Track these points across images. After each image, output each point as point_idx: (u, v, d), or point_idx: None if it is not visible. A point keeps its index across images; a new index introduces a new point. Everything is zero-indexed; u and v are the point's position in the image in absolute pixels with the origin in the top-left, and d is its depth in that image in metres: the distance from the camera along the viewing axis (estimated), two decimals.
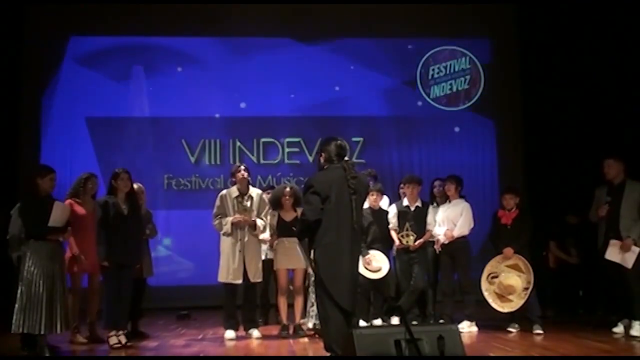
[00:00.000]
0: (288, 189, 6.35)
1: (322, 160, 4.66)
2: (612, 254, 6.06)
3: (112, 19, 9.32)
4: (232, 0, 9.38)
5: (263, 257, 6.58)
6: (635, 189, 6.11)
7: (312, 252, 4.58)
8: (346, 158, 4.64)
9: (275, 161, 9.61)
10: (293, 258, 6.22)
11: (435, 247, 6.62)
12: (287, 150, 9.65)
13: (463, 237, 6.50)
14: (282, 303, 6.32)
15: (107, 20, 9.31)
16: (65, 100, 9.34)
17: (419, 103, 9.83)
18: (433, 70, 9.90)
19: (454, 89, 9.92)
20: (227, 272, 6.16)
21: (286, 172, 9.54)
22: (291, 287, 6.37)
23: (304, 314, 6.32)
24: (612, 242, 6.07)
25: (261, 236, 6.28)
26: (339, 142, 4.68)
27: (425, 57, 9.89)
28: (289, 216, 6.30)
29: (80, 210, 6.03)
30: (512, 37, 9.87)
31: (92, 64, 9.40)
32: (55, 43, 9.29)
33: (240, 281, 6.16)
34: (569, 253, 7.81)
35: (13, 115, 8.94)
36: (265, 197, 6.53)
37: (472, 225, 6.55)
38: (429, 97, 9.85)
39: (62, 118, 9.31)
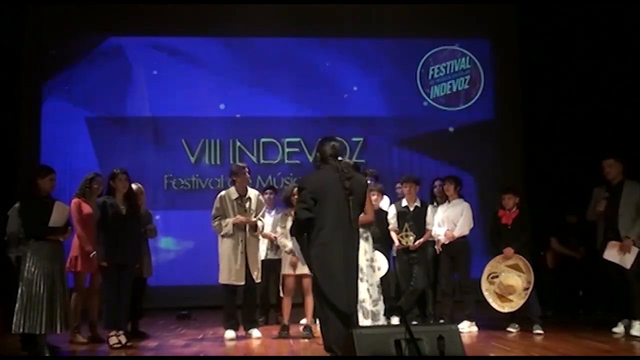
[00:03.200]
0: (296, 188, 6.25)
1: (317, 159, 4.66)
2: (611, 254, 6.07)
3: (112, 19, 9.32)
4: (233, 0, 9.39)
5: (263, 257, 6.59)
6: (634, 189, 6.12)
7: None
8: (340, 158, 4.59)
9: (275, 161, 9.62)
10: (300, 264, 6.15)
11: (435, 247, 6.62)
12: (287, 150, 9.65)
13: (463, 237, 6.50)
14: (287, 304, 6.24)
15: (107, 20, 9.31)
16: (65, 100, 9.35)
17: (425, 103, 9.83)
18: (433, 70, 9.90)
19: (454, 89, 9.92)
20: (229, 273, 6.13)
21: (286, 172, 9.54)
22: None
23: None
24: (611, 242, 6.08)
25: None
26: (332, 142, 4.66)
27: (425, 57, 9.89)
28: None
29: (87, 209, 6.05)
30: (512, 37, 9.87)
31: (92, 63, 9.40)
32: (56, 43, 9.28)
33: (243, 282, 6.14)
34: (572, 248, 7.81)
35: (13, 115, 8.94)
36: (262, 198, 6.54)
37: (472, 225, 6.55)
38: (429, 97, 9.86)
39: (62, 118, 9.32)
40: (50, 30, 9.29)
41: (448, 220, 6.54)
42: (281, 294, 6.38)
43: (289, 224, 6.20)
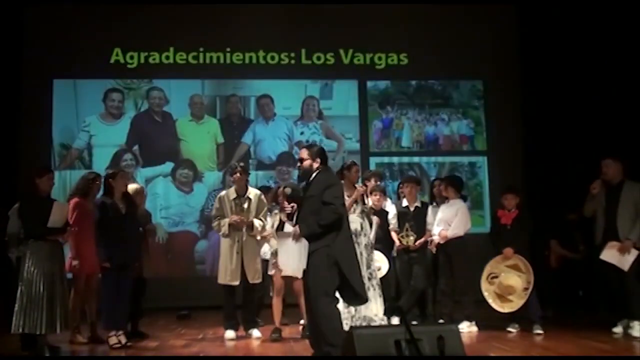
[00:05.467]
0: (281, 190, 5.86)
1: (314, 165, 4.79)
2: (609, 254, 6.04)
3: (114, 19, 9.34)
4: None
5: (265, 257, 6.56)
6: (633, 189, 6.10)
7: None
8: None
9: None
10: (293, 264, 6.06)
11: (429, 247, 6.62)
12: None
13: (458, 237, 6.47)
14: (277, 305, 6.17)
15: (110, 21, 9.34)
16: (65, 101, 9.35)
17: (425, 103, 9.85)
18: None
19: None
20: (225, 273, 6.15)
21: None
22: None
23: None
24: (611, 243, 6.06)
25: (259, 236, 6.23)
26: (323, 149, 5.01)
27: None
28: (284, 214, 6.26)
29: (87, 209, 6.01)
30: (512, 38, 9.87)
31: (93, 63, 9.38)
32: (56, 43, 9.26)
33: (237, 282, 6.14)
34: (572, 250, 7.81)
35: (13, 115, 8.94)
36: (264, 197, 6.53)
37: (468, 226, 6.50)
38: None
39: (62, 118, 9.32)
40: (50, 31, 9.28)
41: (443, 221, 6.53)
42: (270, 294, 6.32)
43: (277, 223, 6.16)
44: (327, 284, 4.54)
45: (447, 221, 6.50)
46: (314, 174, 4.80)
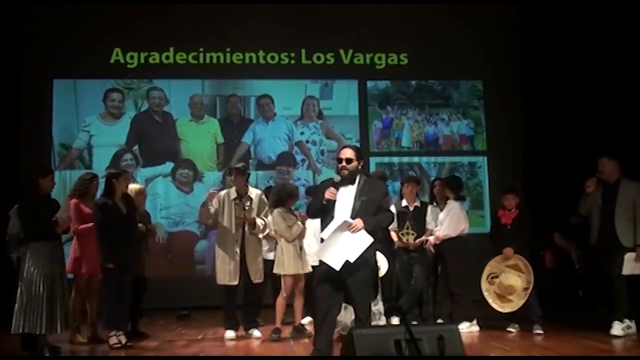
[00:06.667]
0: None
1: (359, 166, 4.79)
2: (630, 268, 5.89)
3: (114, 19, 9.35)
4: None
5: (270, 257, 6.54)
6: (630, 188, 6.03)
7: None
8: None
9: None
10: (299, 263, 6.10)
11: (425, 246, 6.62)
12: None
13: (450, 238, 6.45)
14: (283, 305, 6.18)
15: (110, 21, 9.34)
16: (65, 101, 9.35)
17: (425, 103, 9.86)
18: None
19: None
20: (224, 274, 6.13)
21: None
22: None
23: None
24: (628, 256, 5.90)
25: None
26: None
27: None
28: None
29: (86, 210, 6.01)
30: (512, 38, 9.88)
31: (93, 63, 9.38)
32: (56, 43, 9.26)
33: (236, 282, 6.12)
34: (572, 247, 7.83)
35: (13, 115, 8.94)
36: (265, 197, 6.52)
37: (461, 227, 6.48)
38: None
39: (62, 118, 9.33)
40: (51, 30, 9.27)
41: (438, 222, 6.56)
42: (283, 294, 6.24)
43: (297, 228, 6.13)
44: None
45: (440, 222, 6.55)
46: (359, 176, 4.77)
